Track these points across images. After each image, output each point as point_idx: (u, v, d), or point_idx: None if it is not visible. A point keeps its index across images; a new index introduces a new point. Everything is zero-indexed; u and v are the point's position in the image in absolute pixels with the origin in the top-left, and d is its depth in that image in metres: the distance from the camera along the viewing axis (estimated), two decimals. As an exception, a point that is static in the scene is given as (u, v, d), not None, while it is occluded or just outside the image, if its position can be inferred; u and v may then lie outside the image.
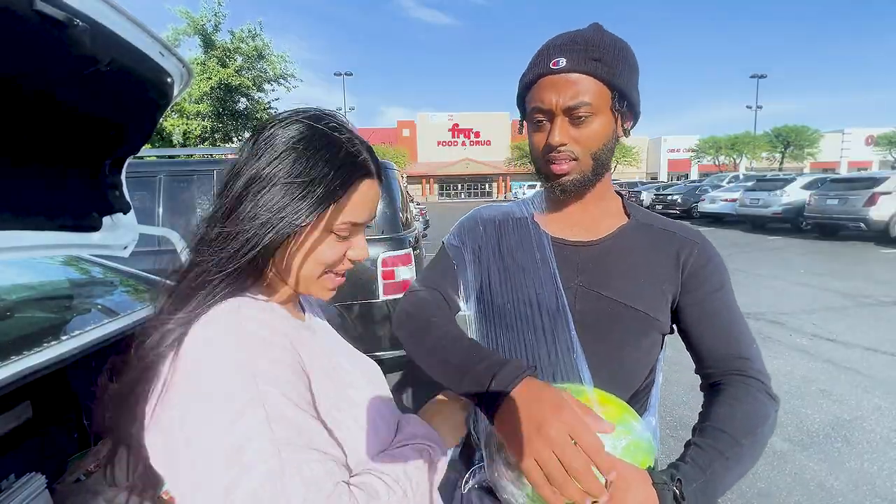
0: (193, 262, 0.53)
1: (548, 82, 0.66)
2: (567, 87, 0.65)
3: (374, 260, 2.76)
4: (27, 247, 1.00)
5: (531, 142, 0.72)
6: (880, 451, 2.39)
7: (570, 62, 0.65)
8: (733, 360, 0.67)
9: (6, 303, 1.35)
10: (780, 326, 4.41)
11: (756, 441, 0.60)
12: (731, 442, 0.59)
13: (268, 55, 15.63)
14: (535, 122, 0.70)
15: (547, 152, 0.69)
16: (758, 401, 0.64)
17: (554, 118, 0.67)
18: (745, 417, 0.61)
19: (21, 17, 0.65)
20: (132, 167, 1.26)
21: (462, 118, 50.45)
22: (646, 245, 0.73)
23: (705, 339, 0.69)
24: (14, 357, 0.89)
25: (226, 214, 0.52)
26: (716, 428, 0.61)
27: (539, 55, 0.69)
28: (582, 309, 0.70)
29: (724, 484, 0.57)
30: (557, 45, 0.67)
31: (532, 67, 0.69)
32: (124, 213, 1.24)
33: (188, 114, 14.71)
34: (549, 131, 0.68)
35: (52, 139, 0.94)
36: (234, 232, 0.51)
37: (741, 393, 0.64)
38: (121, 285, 1.66)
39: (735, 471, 0.58)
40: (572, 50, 0.66)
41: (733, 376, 0.66)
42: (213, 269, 0.51)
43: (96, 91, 0.89)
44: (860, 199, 9.34)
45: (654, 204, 17.41)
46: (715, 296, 0.70)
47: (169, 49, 0.96)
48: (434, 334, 0.69)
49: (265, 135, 0.53)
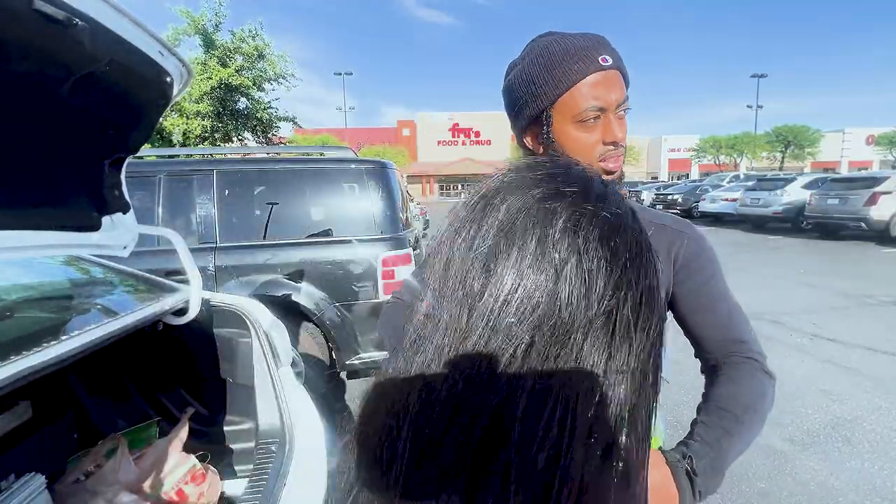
0: None
1: (600, 79, 0.66)
2: (617, 82, 0.67)
3: (374, 260, 2.76)
4: (27, 247, 1.00)
5: (579, 142, 0.69)
6: (880, 451, 2.39)
7: (614, 60, 0.67)
8: (731, 343, 0.70)
9: (6, 303, 1.35)
10: (780, 326, 4.40)
11: (756, 416, 0.64)
12: (733, 419, 0.62)
13: (268, 55, 15.63)
14: (584, 122, 0.68)
15: (604, 150, 0.69)
16: (756, 379, 0.67)
17: (606, 114, 0.67)
18: (745, 396, 0.65)
19: (21, 17, 0.65)
20: (132, 167, 1.26)
21: (462, 118, 50.46)
22: None
23: (703, 327, 0.72)
24: (14, 357, 0.89)
25: None
26: (719, 407, 0.64)
27: (572, 55, 0.66)
28: None
29: (730, 458, 0.61)
30: (595, 42, 0.68)
31: (575, 66, 0.66)
32: (124, 213, 1.24)
33: (188, 113, 14.70)
34: (603, 129, 0.68)
35: (51, 139, 0.94)
36: None
37: (740, 374, 0.68)
38: (121, 285, 1.66)
39: (738, 445, 0.62)
40: (608, 47, 0.68)
41: (732, 358, 0.70)
42: None
43: (96, 91, 0.89)
44: (860, 198, 9.34)
45: (655, 203, 17.38)
46: (708, 284, 0.73)
47: (169, 49, 0.96)
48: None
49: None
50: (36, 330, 1.15)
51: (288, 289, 2.74)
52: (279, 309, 2.56)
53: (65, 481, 1.31)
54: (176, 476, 1.35)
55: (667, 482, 0.55)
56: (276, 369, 1.51)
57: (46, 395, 1.55)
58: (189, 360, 1.80)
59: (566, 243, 0.27)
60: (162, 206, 2.81)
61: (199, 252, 2.71)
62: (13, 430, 1.29)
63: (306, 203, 2.95)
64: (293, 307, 2.74)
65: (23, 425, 1.33)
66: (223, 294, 1.70)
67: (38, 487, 1.04)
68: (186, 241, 1.55)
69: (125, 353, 1.80)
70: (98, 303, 1.46)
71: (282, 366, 1.55)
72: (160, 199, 2.81)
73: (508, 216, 0.29)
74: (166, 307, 1.43)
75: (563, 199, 0.29)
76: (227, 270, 2.74)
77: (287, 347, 1.63)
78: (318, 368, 2.87)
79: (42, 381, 1.04)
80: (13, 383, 0.85)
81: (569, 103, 0.68)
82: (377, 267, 2.75)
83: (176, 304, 1.48)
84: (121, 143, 1.10)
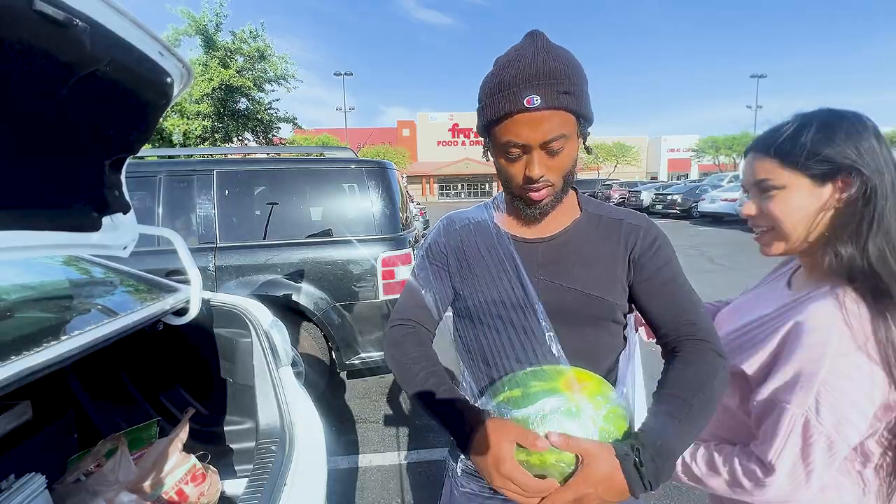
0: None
1: (523, 119, 0.67)
2: (542, 123, 0.67)
3: (374, 260, 2.77)
4: (27, 247, 1.00)
5: (504, 170, 0.74)
6: (880, 451, 2.39)
7: (543, 99, 0.65)
8: (682, 325, 0.72)
9: (6, 303, 1.35)
10: (780, 326, 4.39)
11: (706, 398, 0.65)
12: (681, 404, 0.64)
13: (269, 56, 15.65)
14: (508, 155, 0.71)
15: (527, 183, 0.72)
16: (704, 361, 0.68)
17: (531, 151, 0.69)
18: (693, 377, 0.67)
19: (21, 18, 0.65)
20: (132, 167, 1.26)
21: (462, 118, 50.43)
22: (597, 235, 0.80)
23: (656, 311, 0.75)
24: (14, 357, 0.89)
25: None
26: (668, 393, 0.67)
27: (505, 89, 0.67)
28: (546, 300, 0.75)
29: (682, 442, 0.63)
30: (525, 79, 0.66)
31: (500, 102, 0.68)
32: (124, 213, 1.24)
33: (188, 114, 14.71)
34: (526, 164, 0.70)
35: (51, 139, 0.94)
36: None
37: (690, 355, 0.70)
38: (121, 285, 1.66)
39: (689, 428, 0.63)
40: (543, 85, 0.66)
41: (684, 341, 0.72)
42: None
43: (96, 91, 0.89)
44: (860, 198, 9.33)
45: (654, 203, 17.41)
46: (662, 271, 0.76)
47: (169, 49, 0.96)
48: (413, 381, 0.77)
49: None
50: (36, 330, 1.15)
51: (288, 289, 2.74)
52: (279, 309, 2.56)
53: (65, 481, 1.31)
54: (176, 476, 1.36)
55: (615, 474, 0.58)
56: (276, 369, 1.51)
57: (46, 395, 1.55)
58: (189, 360, 1.81)
59: None
60: (162, 207, 2.82)
61: (199, 252, 2.72)
62: (13, 430, 1.29)
63: (306, 203, 2.95)
64: (293, 307, 2.74)
65: (23, 425, 1.33)
66: (223, 294, 1.70)
67: (38, 487, 1.04)
68: (186, 241, 1.55)
69: (125, 353, 1.80)
70: (98, 303, 1.46)
71: (282, 366, 1.55)
72: (160, 200, 2.82)
73: None
74: (166, 307, 1.44)
75: None
76: (228, 270, 2.74)
77: (287, 347, 1.63)
78: (318, 368, 2.88)
79: (42, 381, 1.04)
80: (13, 383, 0.85)
81: (496, 134, 0.72)
82: (377, 267, 2.75)
83: (176, 304, 1.48)
84: (121, 143, 1.10)
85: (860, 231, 0.67)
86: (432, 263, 0.86)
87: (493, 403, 0.69)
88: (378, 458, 2.45)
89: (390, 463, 2.41)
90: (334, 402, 3.11)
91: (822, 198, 0.71)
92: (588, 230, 0.80)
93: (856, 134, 0.68)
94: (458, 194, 48.88)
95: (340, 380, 3.45)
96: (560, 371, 0.68)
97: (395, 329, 0.85)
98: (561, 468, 0.60)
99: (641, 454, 0.59)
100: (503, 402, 0.67)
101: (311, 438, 1.34)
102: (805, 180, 0.71)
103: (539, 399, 0.64)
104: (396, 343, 0.83)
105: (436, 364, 0.79)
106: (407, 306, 0.86)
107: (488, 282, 0.78)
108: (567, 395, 0.64)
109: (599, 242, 0.78)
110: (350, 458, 2.45)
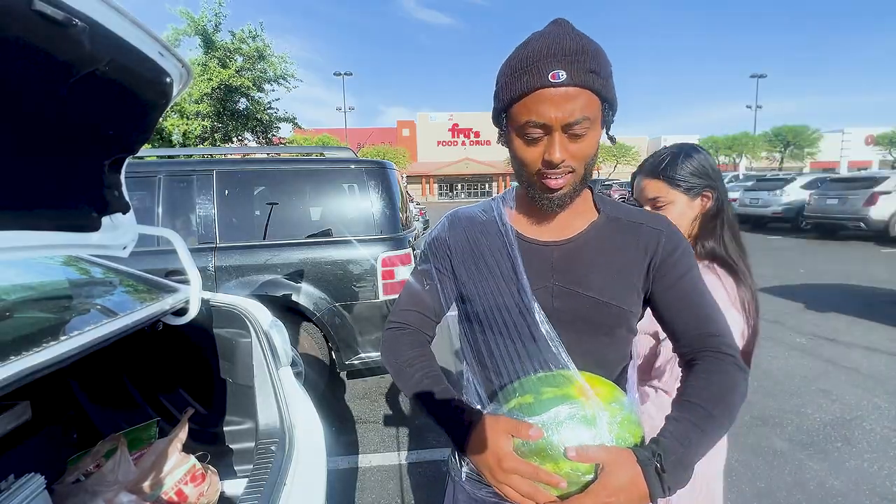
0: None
1: (546, 96, 0.62)
2: (567, 102, 0.62)
3: (373, 260, 2.76)
4: (27, 247, 1.00)
5: (521, 154, 0.69)
6: (880, 451, 2.39)
7: (570, 76, 0.61)
8: (705, 338, 0.71)
9: (6, 303, 1.34)
10: (780, 326, 4.41)
11: (727, 409, 0.65)
12: (703, 413, 0.64)
13: (268, 56, 15.64)
14: (526, 136, 0.66)
15: (546, 168, 0.67)
16: (727, 373, 0.68)
17: (552, 133, 0.64)
18: (716, 389, 0.66)
19: (21, 18, 0.65)
20: (132, 167, 1.26)
21: (462, 118, 50.42)
22: (615, 239, 0.76)
23: (678, 322, 0.73)
24: (14, 357, 0.89)
25: None
26: (690, 402, 0.66)
27: (531, 63, 0.63)
28: (560, 307, 0.73)
29: (701, 451, 0.63)
30: (553, 54, 0.62)
31: (522, 77, 0.64)
32: (123, 213, 1.24)
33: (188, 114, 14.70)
34: (546, 147, 0.65)
35: (51, 139, 0.94)
36: None
37: (713, 367, 0.69)
38: (120, 285, 1.66)
39: (709, 438, 0.63)
40: (571, 61, 0.61)
41: (706, 353, 0.70)
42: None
43: (95, 91, 0.89)
44: (860, 198, 9.35)
45: (654, 204, 17.36)
46: (683, 279, 0.73)
47: (168, 49, 0.96)
48: (408, 383, 0.77)
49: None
50: (36, 330, 1.15)
51: (288, 289, 2.74)
52: (279, 309, 2.56)
53: (65, 481, 1.31)
54: (176, 476, 1.35)
55: (637, 480, 0.58)
56: (275, 369, 1.51)
57: (46, 395, 1.55)
58: (189, 360, 1.80)
59: None
60: (162, 207, 2.81)
61: (198, 252, 2.71)
62: (13, 430, 1.29)
63: (306, 203, 2.95)
64: (293, 307, 2.74)
65: (23, 425, 1.33)
66: (223, 294, 1.70)
67: (38, 487, 1.04)
68: (186, 241, 1.55)
69: (125, 353, 1.80)
70: (98, 303, 1.46)
71: (282, 366, 1.55)
72: (160, 200, 2.81)
73: None
74: (166, 307, 1.43)
75: None
76: (227, 270, 2.74)
77: (287, 348, 1.63)
78: (317, 368, 2.88)
79: (42, 382, 1.03)
80: (13, 383, 0.85)
81: (515, 114, 0.67)
82: (377, 267, 2.75)
83: (176, 304, 1.48)
84: (121, 143, 1.10)
85: (717, 229, 1.03)
86: (434, 261, 0.82)
87: (505, 409, 0.67)
88: (378, 459, 2.45)
89: (390, 463, 2.41)
90: (334, 403, 3.11)
91: (695, 208, 1.05)
92: (606, 234, 0.76)
93: (706, 160, 1.04)
94: (457, 194, 48.86)
95: (340, 380, 3.45)
96: (571, 377, 0.67)
97: (392, 331, 0.83)
98: (577, 476, 0.59)
99: (664, 460, 0.59)
100: (515, 409, 0.66)
101: (310, 439, 1.34)
102: (684, 197, 1.03)
103: (552, 405, 0.62)
104: (392, 345, 0.82)
105: (432, 365, 0.78)
106: (405, 307, 0.84)
107: (494, 286, 0.75)
108: (581, 402, 0.62)
109: (617, 247, 0.74)
110: (350, 459, 2.45)
